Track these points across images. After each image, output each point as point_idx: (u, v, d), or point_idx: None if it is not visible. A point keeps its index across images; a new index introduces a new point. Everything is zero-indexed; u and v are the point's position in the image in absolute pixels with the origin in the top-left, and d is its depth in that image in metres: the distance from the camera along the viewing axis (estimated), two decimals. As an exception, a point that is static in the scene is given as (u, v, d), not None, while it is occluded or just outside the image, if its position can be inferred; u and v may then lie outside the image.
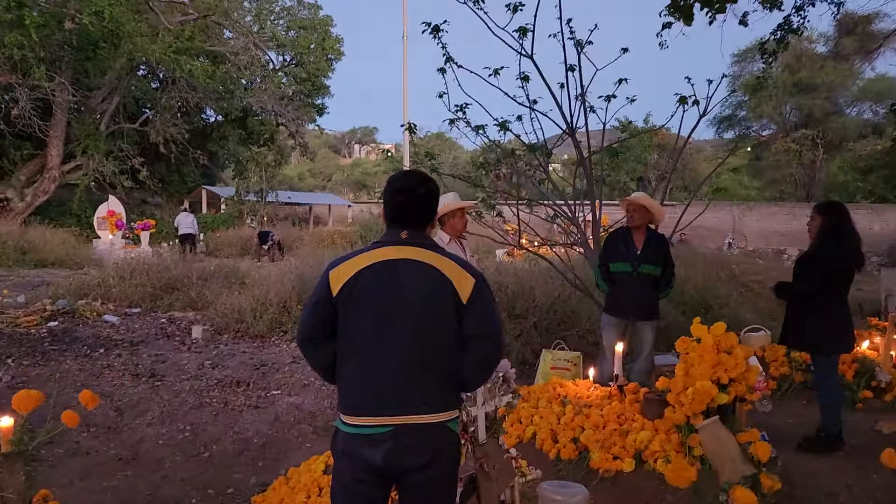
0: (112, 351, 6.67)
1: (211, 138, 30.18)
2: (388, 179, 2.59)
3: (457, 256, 2.49)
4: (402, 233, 2.38)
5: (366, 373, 2.28)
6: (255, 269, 11.87)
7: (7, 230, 14.75)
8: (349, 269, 2.32)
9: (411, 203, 2.41)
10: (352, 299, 2.29)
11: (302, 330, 2.39)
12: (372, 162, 67.15)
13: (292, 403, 5.53)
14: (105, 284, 9.38)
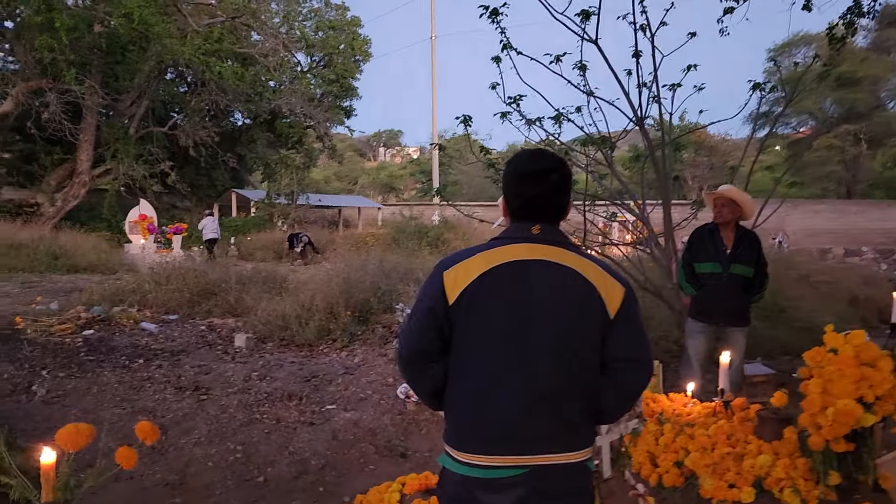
0: (152, 362, 6.24)
1: (239, 141, 30.02)
2: (508, 162, 2.08)
3: (600, 259, 1.98)
4: (532, 227, 1.88)
5: (491, 400, 1.78)
6: (292, 273, 11.46)
7: (38, 235, 14.52)
8: (470, 270, 1.81)
9: (543, 191, 1.91)
10: (474, 309, 1.79)
11: (409, 344, 1.89)
12: (397, 165, 67.05)
13: (350, 419, 5.03)
14: (140, 290, 9.01)
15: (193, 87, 27.20)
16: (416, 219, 25.82)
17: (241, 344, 6.89)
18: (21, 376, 5.69)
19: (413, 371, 1.93)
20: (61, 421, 4.86)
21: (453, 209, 27.33)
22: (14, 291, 10.63)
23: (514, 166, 1.98)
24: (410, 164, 62.46)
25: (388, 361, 6.08)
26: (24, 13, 17.70)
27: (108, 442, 4.58)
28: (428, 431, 4.96)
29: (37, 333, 6.82)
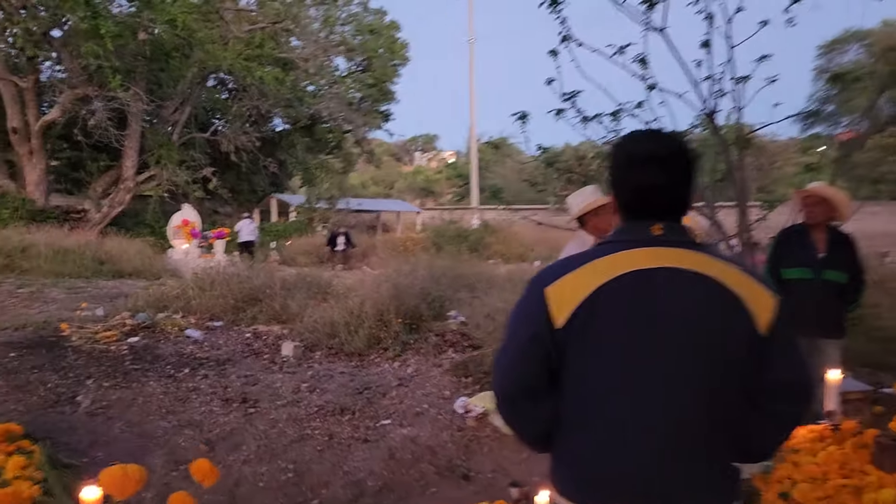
0: (198, 371, 6.01)
1: (279, 147, 30.11)
2: (616, 145, 1.72)
3: (744, 263, 1.61)
4: (652, 227, 1.51)
5: (617, 441, 1.43)
6: (336, 278, 11.22)
7: (85, 241, 14.57)
8: (579, 285, 1.45)
9: (666, 179, 1.54)
10: (590, 333, 1.44)
11: (508, 379, 1.54)
12: (434, 169, 66.98)
13: (407, 436, 4.70)
14: (184, 296, 8.83)
15: (234, 93, 27.40)
16: (455, 222, 25.53)
17: (288, 353, 6.63)
18: (65, 386, 5.50)
19: (515, 411, 1.58)
20: (105, 434, 4.64)
21: (493, 212, 26.90)
22: (60, 297, 10.58)
23: (625, 149, 1.62)
24: (447, 168, 62.36)
25: (444, 373, 5.74)
26: (71, 20, 17.89)
27: (156, 459, 4.34)
28: (490, 450, 4.60)
29: (82, 341, 6.65)
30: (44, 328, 7.54)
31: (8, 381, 5.48)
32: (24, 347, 6.42)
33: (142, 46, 20.04)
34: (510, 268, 14.61)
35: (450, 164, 64.17)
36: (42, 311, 9.48)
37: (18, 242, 13.14)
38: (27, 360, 6.03)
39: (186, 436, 4.65)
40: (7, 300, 10.44)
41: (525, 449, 4.63)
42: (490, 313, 6.30)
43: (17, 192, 20.34)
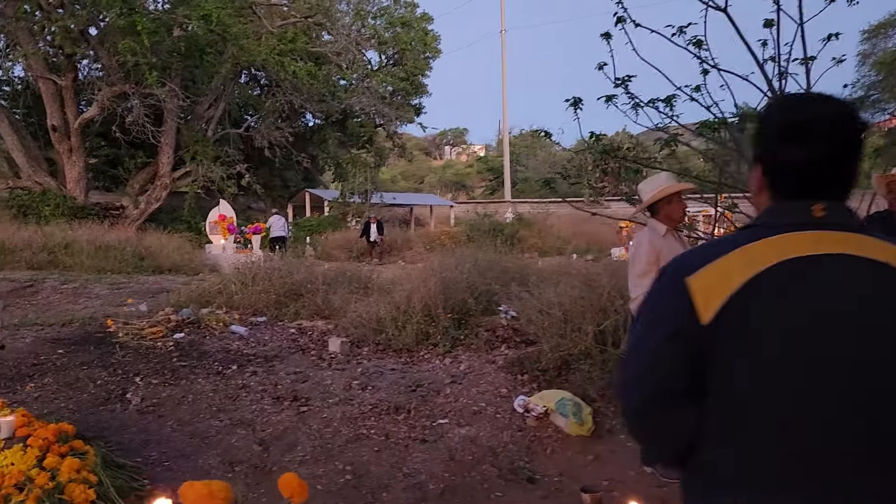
0: (246, 368, 5.88)
1: (311, 142, 30.16)
2: (764, 113, 1.47)
3: None
4: (814, 207, 1.27)
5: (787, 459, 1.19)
6: (376, 273, 11.07)
7: (125, 237, 14.66)
8: (730, 273, 1.21)
9: (829, 152, 1.30)
10: (747, 330, 1.19)
11: (643, 386, 1.29)
12: (464, 163, 66.72)
13: (465, 436, 4.50)
14: (226, 291, 8.76)
15: (267, 89, 27.48)
16: (490, 216, 25.28)
17: (335, 349, 6.48)
18: (115, 383, 5.41)
19: (649, 424, 1.33)
20: (157, 433, 4.52)
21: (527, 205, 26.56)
22: (103, 293, 10.61)
23: (776, 118, 1.36)
24: (478, 162, 62.07)
25: (498, 369, 5.53)
26: (108, 17, 18.02)
27: (210, 460, 4.21)
28: (554, 451, 4.38)
29: (128, 337, 6.58)
30: (89, 324, 7.50)
31: (57, 379, 5.42)
32: (71, 344, 6.37)
33: (177, 43, 20.15)
34: (550, 261, 14.33)
35: (480, 157, 63.82)
36: (86, 306, 9.49)
37: (61, 239, 13.24)
38: (76, 357, 5.97)
39: (239, 435, 4.51)
40: (52, 296, 10.49)
41: (592, 450, 4.43)
42: (542, 308, 6.07)
43: (58, 189, 20.60)
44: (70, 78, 20.38)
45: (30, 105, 23.05)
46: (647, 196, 4.01)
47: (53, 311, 9.34)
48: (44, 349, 6.17)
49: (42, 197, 20.00)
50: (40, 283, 11.13)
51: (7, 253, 12.45)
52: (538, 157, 45.92)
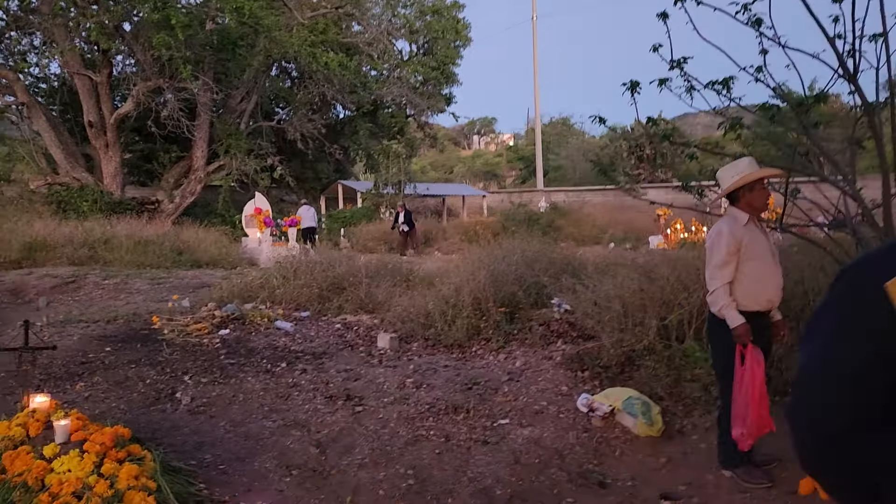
0: (295, 365, 5.74)
1: (342, 133, 30.09)
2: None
3: None
4: None
5: None
6: (417, 264, 10.90)
7: (162, 232, 14.69)
8: None
9: None
10: None
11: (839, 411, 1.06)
12: (493, 153, 66.28)
13: (529, 438, 4.29)
14: (268, 286, 8.65)
15: (298, 81, 27.45)
16: (525, 205, 24.96)
17: (384, 345, 6.31)
18: (163, 382, 5.31)
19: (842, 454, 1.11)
20: (210, 434, 4.39)
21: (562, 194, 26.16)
22: (144, 288, 10.60)
23: None
24: (508, 151, 61.68)
25: (556, 366, 5.31)
26: (142, 12, 18.07)
27: (266, 463, 4.06)
28: (623, 454, 4.16)
29: (174, 334, 6.50)
30: (134, 320, 7.45)
31: (107, 378, 5.33)
32: (118, 341, 6.30)
33: (209, 36, 20.16)
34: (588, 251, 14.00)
35: (510, 147, 63.34)
36: (128, 302, 9.47)
37: (101, 234, 13.30)
38: (123, 355, 5.88)
39: (294, 437, 4.36)
40: (94, 291, 10.51)
41: (663, 452, 4.19)
42: (599, 301, 5.83)
43: (95, 184, 20.80)
44: (105, 74, 20.53)
45: (66, 102, 23.29)
46: (728, 183, 3.74)
47: (96, 306, 9.33)
48: (91, 347, 6.10)
49: (80, 192, 20.21)
50: (82, 278, 11.16)
51: (49, 249, 12.53)
52: (570, 146, 45.33)
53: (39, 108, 21.10)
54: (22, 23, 20.00)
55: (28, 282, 10.88)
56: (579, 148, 40.46)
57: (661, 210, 24.92)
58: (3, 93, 21.58)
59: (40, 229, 13.12)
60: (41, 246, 12.52)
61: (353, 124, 30.00)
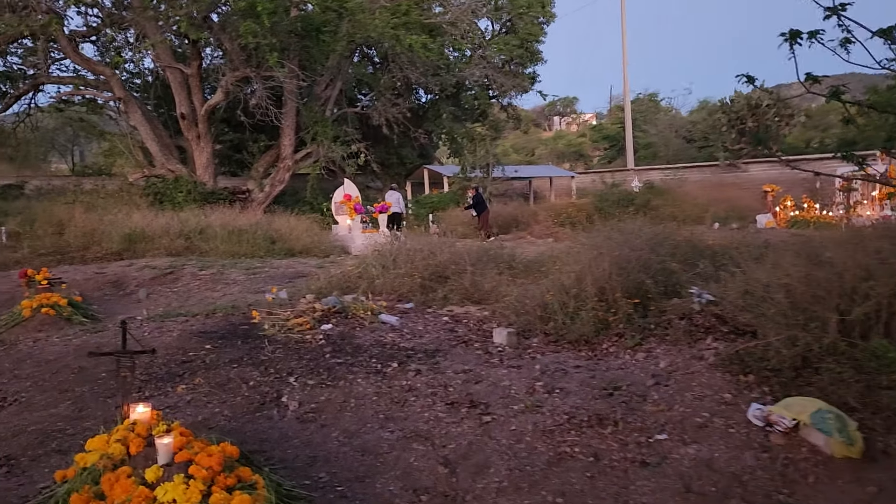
0: (407, 365, 5.20)
1: (425, 117, 29.63)
2: None
3: None
4: None
5: None
6: (521, 249, 10.24)
7: (254, 221, 14.60)
8: None
9: None
10: None
11: None
12: (574, 133, 64.58)
13: (697, 458, 3.57)
14: (367, 275, 8.19)
15: (380, 66, 27.11)
16: (618, 185, 23.81)
17: (502, 341, 5.70)
18: (268, 384, 4.87)
19: None
20: (322, 447, 3.89)
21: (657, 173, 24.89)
22: (240, 278, 10.40)
23: None
24: (591, 131, 59.97)
25: (710, 368, 4.53)
26: (229, 1, 18.07)
27: (390, 485, 3.52)
28: (817, 480, 3.38)
29: (274, 329, 6.09)
30: (233, 314, 7.12)
31: (208, 379, 4.94)
32: (218, 338, 5.94)
33: (294, 23, 20.00)
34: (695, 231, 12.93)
35: (594, 126, 61.49)
36: (225, 293, 9.25)
37: (196, 224, 13.29)
38: (224, 353, 5.51)
39: (417, 452, 3.80)
40: (191, 283, 10.39)
41: (869, 479, 3.40)
42: (751, 290, 5.01)
43: (189, 175, 21.13)
44: (195, 66, 20.77)
45: (159, 96, 23.80)
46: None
47: (194, 298, 9.16)
48: (191, 344, 5.76)
49: (175, 184, 20.57)
50: (179, 269, 11.10)
51: (147, 240, 12.60)
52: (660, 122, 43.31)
53: (135, 102, 21.59)
54: (116, 19, 20.44)
55: (129, 273, 10.89)
56: (670, 124, 38.55)
57: (770, 186, 23.22)
58: (101, 89, 22.22)
59: (138, 221, 13.22)
60: (140, 237, 12.59)
61: (436, 108, 29.47)
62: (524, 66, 31.69)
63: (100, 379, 5.02)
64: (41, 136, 31.46)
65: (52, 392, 4.83)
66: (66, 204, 14.96)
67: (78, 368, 5.24)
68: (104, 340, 6.08)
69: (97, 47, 23.21)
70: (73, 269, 11.45)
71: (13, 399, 4.75)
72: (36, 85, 23.18)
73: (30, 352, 5.88)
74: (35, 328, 7.37)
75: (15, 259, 12.03)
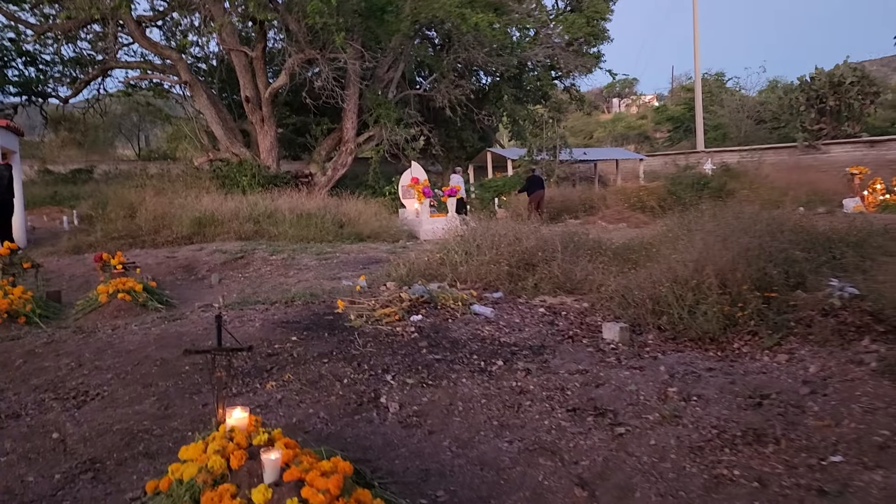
0: (514, 363, 4.70)
1: (487, 99, 28.96)
2: None
3: None
4: None
5: None
6: (602, 235, 9.61)
7: (323, 204, 14.30)
8: None
9: None
10: None
11: None
12: (634, 115, 62.88)
13: (887, 487, 2.98)
14: (450, 262, 7.73)
15: (441, 47, 26.53)
16: (692, 167, 22.77)
17: (613, 337, 5.15)
18: (363, 382, 4.45)
19: None
20: (435, 458, 3.43)
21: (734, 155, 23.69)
22: (312, 264, 10.09)
23: None
24: (655, 113, 58.22)
25: (875, 375, 3.90)
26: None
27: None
28: None
29: (361, 320, 5.67)
30: (312, 301, 6.76)
31: (298, 375, 4.55)
32: (303, 328, 5.56)
33: (359, 2, 19.61)
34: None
35: (658, 107, 59.64)
36: (300, 280, 8.94)
37: (264, 208, 13.07)
38: (312, 346, 5.11)
39: (545, 468, 3.31)
40: (262, 268, 10.13)
41: None
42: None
43: (253, 159, 21.06)
44: (260, 48, 20.62)
45: (223, 79, 23.81)
46: None
47: (268, 284, 8.87)
48: (275, 335, 5.39)
49: (239, 167, 20.51)
50: (250, 254, 10.87)
51: (217, 224, 12.42)
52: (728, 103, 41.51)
53: (200, 86, 21.61)
54: (182, 2, 20.42)
55: (200, 257, 10.71)
56: (739, 105, 36.86)
57: (857, 168, 21.79)
58: (167, 73, 22.34)
59: (208, 204, 13.07)
60: (209, 221, 12.43)
61: (497, 89, 28.77)
62: (590, 46, 30.68)
63: (183, 373, 4.69)
64: (109, 121, 32.13)
65: (134, 386, 4.52)
66: (137, 187, 14.94)
67: (160, 361, 4.93)
68: (184, 329, 5.78)
69: (163, 32, 23.37)
70: (144, 252, 11.36)
71: (95, 393, 4.45)
72: (105, 70, 23.48)
73: (109, 340, 5.61)
74: (111, 314, 7.17)
75: (88, 242, 12.02)
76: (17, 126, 13.47)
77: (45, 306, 7.67)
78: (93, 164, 26.47)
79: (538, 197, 18.08)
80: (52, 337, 5.92)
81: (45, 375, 4.87)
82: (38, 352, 5.48)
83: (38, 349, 5.55)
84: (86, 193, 20.13)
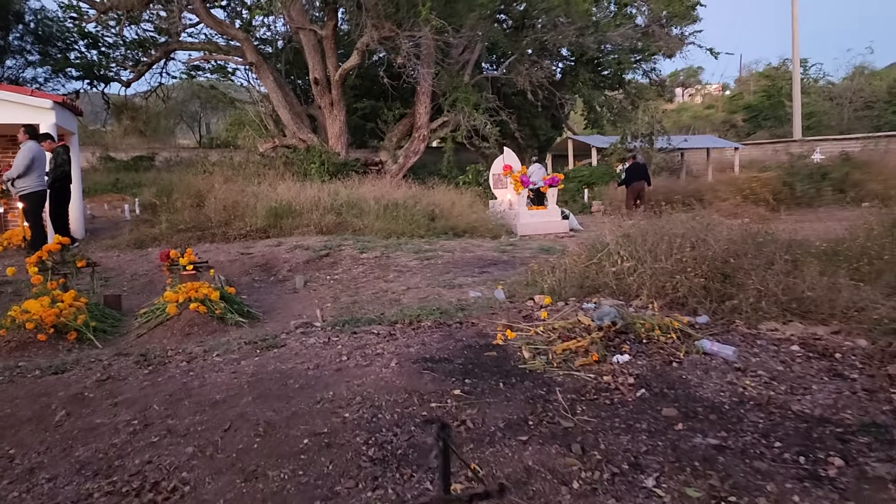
0: (855, 461, 2.83)
1: (563, 84, 26.91)
2: None
3: None
4: None
5: None
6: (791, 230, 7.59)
7: (411, 193, 12.58)
8: None
9: None
10: None
11: None
12: (700, 105, 59.99)
13: None
14: (615, 269, 5.88)
15: (515, 29, 24.60)
16: (805, 156, 20.36)
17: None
18: (607, 491, 2.66)
19: None
20: None
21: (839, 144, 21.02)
22: (412, 264, 8.39)
23: None
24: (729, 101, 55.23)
25: None
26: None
27: None
28: None
29: (542, 360, 3.89)
30: (447, 322, 5.01)
31: (491, 467, 2.78)
32: (462, 374, 3.79)
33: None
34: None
35: (732, 96, 56.51)
36: (407, 286, 7.21)
37: (347, 197, 11.43)
38: (490, 409, 3.33)
39: None
40: (353, 268, 8.47)
41: None
42: None
43: (321, 145, 19.57)
44: (330, 26, 19.07)
45: (290, 61, 22.42)
46: None
47: (367, 291, 7.18)
48: (424, 385, 3.64)
49: (307, 154, 19.04)
50: (336, 251, 9.23)
51: (295, 216, 10.83)
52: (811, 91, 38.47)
53: (267, 67, 20.23)
54: (249, -23, 19.04)
55: (278, 255, 9.13)
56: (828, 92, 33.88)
57: None
58: (233, 54, 21.04)
59: (284, 193, 11.49)
60: (286, 212, 10.85)
61: (574, 74, 26.67)
62: (677, 25, 28.31)
63: (302, 451, 2.98)
64: (170, 108, 31.24)
65: (229, 476, 2.84)
66: (205, 173, 13.49)
67: (263, 425, 3.25)
68: (287, 366, 4.11)
69: (227, 13, 22.07)
70: (214, 247, 9.85)
71: (170, 487, 2.78)
72: (167, 52, 22.33)
73: (185, 381, 3.98)
74: (182, 330, 5.60)
75: (152, 235, 10.58)
76: (74, 104, 12.13)
77: (102, 316, 6.17)
78: (154, 152, 25.48)
79: (639, 188, 16.06)
80: (107, 370, 4.34)
81: (96, 443, 3.25)
82: (89, 396, 3.88)
83: (87, 392, 3.96)
84: (148, 181, 18.95)
